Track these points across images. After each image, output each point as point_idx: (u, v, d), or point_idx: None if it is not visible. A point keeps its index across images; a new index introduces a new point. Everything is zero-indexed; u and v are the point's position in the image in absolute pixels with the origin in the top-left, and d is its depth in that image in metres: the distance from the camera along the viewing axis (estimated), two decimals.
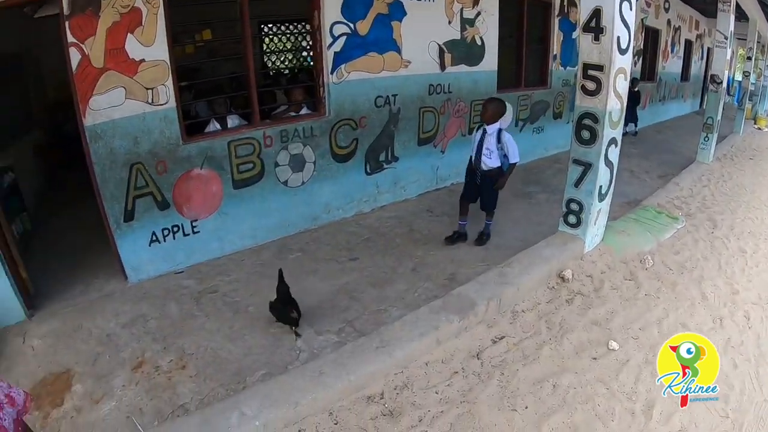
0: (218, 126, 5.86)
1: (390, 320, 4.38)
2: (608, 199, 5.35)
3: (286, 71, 11.06)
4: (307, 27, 6.56)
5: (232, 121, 5.91)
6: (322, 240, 6.17)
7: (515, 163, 5.56)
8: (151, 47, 4.97)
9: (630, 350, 4.12)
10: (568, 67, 9.74)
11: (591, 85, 4.80)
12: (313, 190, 6.39)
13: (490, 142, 5.49)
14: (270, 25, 11.31)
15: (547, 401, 3.55)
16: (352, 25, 6.18)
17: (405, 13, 6.61)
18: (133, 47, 4.87)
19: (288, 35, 11.51)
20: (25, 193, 7.71)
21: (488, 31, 7.64)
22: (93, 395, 4.01)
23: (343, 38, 6.13)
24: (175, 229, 5.58)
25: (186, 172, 5.44)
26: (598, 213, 5.24)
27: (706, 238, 6.52)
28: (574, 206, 5.17)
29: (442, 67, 7.22)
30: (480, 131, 5.62)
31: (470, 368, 3.78)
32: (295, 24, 11.06)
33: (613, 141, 5.05)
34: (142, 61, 4.95)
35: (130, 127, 5.06)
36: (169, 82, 5.15)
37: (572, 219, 5.23)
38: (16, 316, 5.13)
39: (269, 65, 11.84)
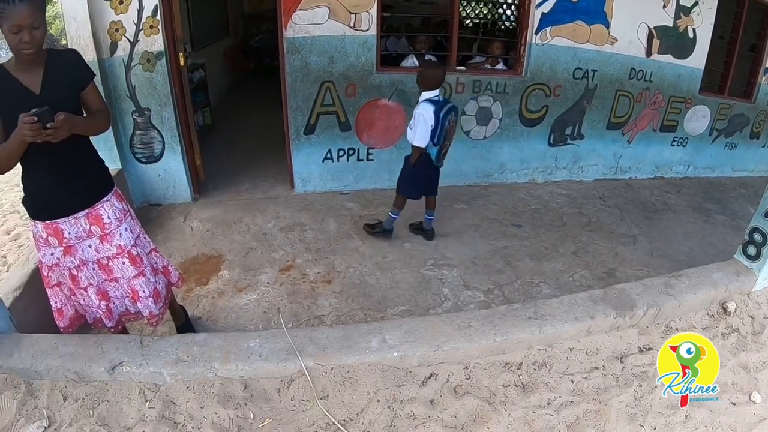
0: (416, 62, 5.82)
1: (540, 296, 4.22)
2: None
3: (480, 23, 10.86)
4: None
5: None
6: (490, 199, 6.01)
7: (417, 148, 4.39)
8: None
9: None
10: None
11: None
12: (493, 147, 6.23)
13: (414, 112, 4.40)
14: None
15: (676, 430, 3.29)
16: None
17: None
18: None
19: None
20: (210, 91, 8.20)
21: (703, 24, 6.94)
22: (237, 284, 4.19)
23: (554, 0, 5.83)
24: (351, 152, 5.69)
25: (373, 100, 5.49)
26: None
27: None
28: (757, 237, 4.66)
29: (648, 52, 6.66)
30: None
31: (610, 368, 3.54)
32: None
33: None
34: None
35: (328, 46, 5.17)
36: (374, 10, 5.16)
37: (752, 250, 4.72)
38: (183, 197, 5.51)
39: (462, 14, 11.67)
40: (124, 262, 2.86)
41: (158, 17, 4.81)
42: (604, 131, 6.79)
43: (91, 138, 2.75)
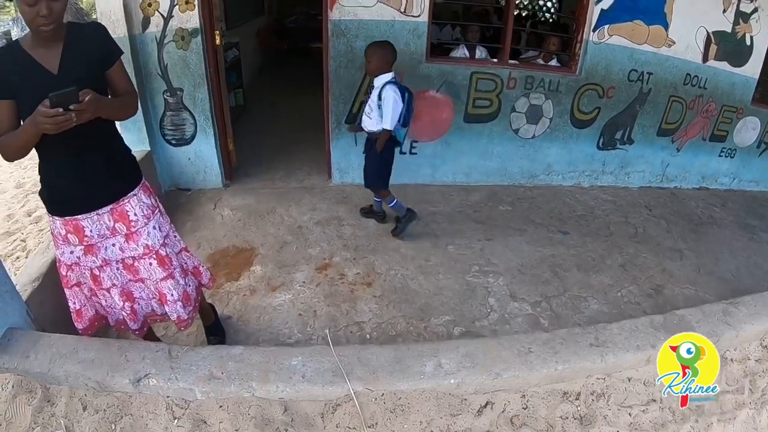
0: (467, 53, 5.57)
1: (588, 311, 4.00)
2: None
3: (521, 14, 10.55)
4: None
5: (480, 52, 5.59)
6: (535, 201, 5.76)
7: (388, 132, 4.27)
8: None
9: None
10: None
11: None
12: (541, 147, 5.95)
13: (372, 98, 4.33)
14: None
15: None
16: None
17: None
18: None
19: None
20: (244, 71, 8.12)
21: (761, 31, 6.60)
22: (271, 281, 3.99)
23: None
24: None
25: (421, 91, 5.21)
26: None
27: None
28: None
29: (705, 58, 6.31)
30: None
31: (668, 401, 3.28)
32: None
33: None
34: None
35: (376, 31, 4.93)
36: None
37: None
38: (214, 182, 5.36)
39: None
40: (151, 263, 2.62)
41: None
42: (654, 137, 6.49)
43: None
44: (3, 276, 2.79)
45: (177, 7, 4.67)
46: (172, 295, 2.71)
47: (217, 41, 5.05)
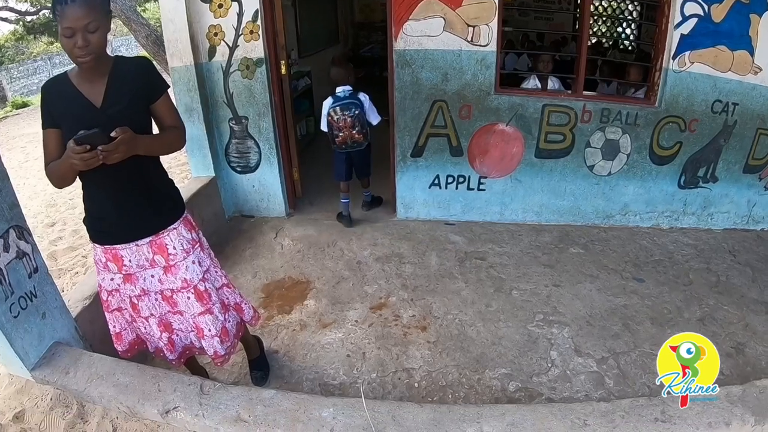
0: (538, 84, 5.36)
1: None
2: None
3: (599, 42, 10.25)
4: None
5: (552, 83, 5.38)
6: (610, 243, 5.40)
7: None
8: None
9: None
10: None
11: None
12: (617, 185, 5.59)
13: None
14: None
15: None
16: (706, 7, 5.07)
17: (767, 7, 5.19)
18: None
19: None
20: (316, 100, 8.10)
21: None
22: (323, 318, 3.92)
23: (694, 20, 5.08)
24: (461, 179, 5.29)
25: (490, 124, 5.04)
26: None
27: None
28: None
29: None
30: None
31: None
32: None
33: None
34: None
35: (442, 61, 4.83)
36: (494, 24, 4.71)
37: None
38: (278, 211, 5.41)
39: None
40: (189, 297, 2.61)
41: (259, 23, 4.74)
42: (740, 174, 5.96)
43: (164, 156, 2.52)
44: (54, 293, 3.00)
45: (242, 36, 4.75)
46: (209, 330, 2.71)
47: (283, 71, 5.08)
